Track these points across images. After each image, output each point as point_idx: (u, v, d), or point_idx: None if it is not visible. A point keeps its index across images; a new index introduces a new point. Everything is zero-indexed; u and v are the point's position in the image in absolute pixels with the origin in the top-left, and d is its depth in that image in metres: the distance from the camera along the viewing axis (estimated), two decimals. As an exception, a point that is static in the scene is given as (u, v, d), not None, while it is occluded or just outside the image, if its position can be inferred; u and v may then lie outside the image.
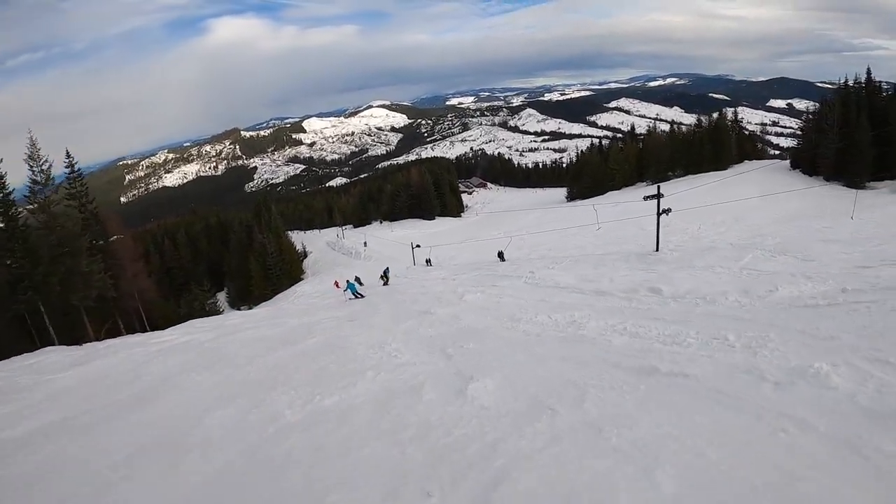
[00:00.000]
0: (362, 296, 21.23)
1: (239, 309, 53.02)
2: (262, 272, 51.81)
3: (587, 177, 71.32)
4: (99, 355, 13.03)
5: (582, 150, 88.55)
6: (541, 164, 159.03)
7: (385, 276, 25.15)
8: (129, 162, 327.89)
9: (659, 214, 17.35)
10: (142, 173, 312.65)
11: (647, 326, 8.22)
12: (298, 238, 71.82)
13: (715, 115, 64.73)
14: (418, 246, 36.44)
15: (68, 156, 28.26)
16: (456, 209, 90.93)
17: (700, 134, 61.38)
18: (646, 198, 17.89)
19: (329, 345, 10.17)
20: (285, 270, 53.22)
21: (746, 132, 70.98)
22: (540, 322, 9.89)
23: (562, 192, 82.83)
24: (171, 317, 38.18)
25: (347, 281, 22.94)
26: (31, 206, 23.83)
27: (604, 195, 61.88)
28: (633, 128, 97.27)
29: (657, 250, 16.89)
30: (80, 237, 25.29)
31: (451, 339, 9.27)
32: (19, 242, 22.02)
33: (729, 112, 68.09)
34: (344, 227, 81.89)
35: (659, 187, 17.99)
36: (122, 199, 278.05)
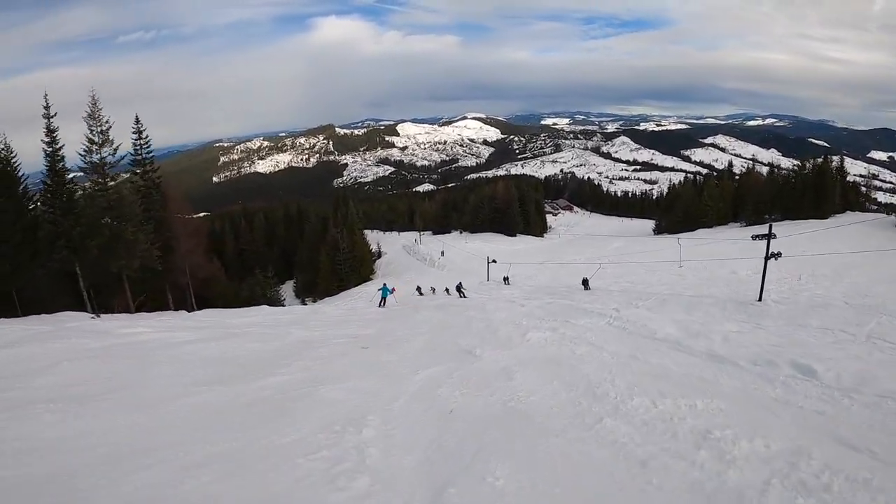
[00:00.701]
0: (383, 305, 21.30)
1: (304, 302, 52.25)
2: (331, 267, 50.36)
3: (679, 210, 67.40)
4: (52, 337, 10.49)
5: (674, 184, 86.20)
6: (630, 194, 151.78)
7: (459, 290, 24.28)
8: (226, 144, 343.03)
9: (767, 258, 14.94)
10: (236, 157, 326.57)
11: (852, 478, 3.93)
12: (375, 237, 70.95)
13: (819, 159, 60.23)
14: (494, 261, 34.49)
15: (137, 121, 26.70)
16: (539, 228, 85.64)
17: (801, 178, 57.33)
18: (754, 237, 16.34)
19: (279, 400, 6.27)
20: (354, 268, 51.41)
21: (850, 182, 65.21)
22: (640, 416, 5.60)
23: (649, 223, 78.26)
24: (229, 297, 37.28)
25: (384, 284, 22.71)
26: (83, 165, 22.77)
27: (693, 231, 56.78)
28: (730, 164, 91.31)
29: (760, 300, 14.29)
30: (132, 204, 23.95)
31: (479, 432, 5.25)
32: (62, 199, 20.86)
33: (834, 159, 62.41)
34: (422, 233, 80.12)
35: (770, 226, 15.57)
36: (214, 179, 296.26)
